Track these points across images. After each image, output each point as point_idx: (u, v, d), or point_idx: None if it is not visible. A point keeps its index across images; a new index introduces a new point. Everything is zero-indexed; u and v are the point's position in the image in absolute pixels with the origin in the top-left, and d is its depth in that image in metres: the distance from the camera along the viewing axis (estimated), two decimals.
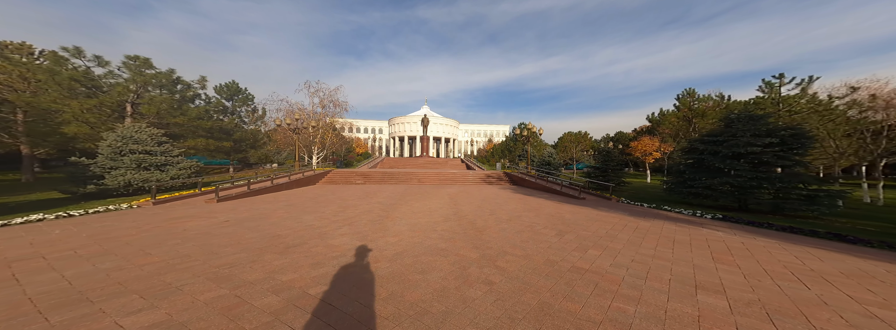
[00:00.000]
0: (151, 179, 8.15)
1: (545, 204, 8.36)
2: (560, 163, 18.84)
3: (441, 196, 10.10)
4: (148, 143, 8.67)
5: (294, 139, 14.60)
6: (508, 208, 7.61)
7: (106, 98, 11.65)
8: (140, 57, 13.32)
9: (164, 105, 13.13)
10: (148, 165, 8.45)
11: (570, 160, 25.34)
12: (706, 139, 8.59)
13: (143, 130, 8.75)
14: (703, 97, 17.55)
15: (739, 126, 8.00)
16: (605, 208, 7.65)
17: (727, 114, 8.41)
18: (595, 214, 6.73)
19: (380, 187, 12.95)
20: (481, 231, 5.11)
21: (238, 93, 20.44)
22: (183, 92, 15.32)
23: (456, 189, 12.67)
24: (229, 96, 20.17)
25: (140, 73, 12.87)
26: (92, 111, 11.35)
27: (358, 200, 8.83)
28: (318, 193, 10.11)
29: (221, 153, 16.66)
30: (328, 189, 11.82)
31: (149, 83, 13.21)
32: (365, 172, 16.79)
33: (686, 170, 8.98)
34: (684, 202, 9.23)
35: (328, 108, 19.18)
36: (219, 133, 16.02)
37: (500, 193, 11.42)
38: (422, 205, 8.04)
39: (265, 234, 4.54)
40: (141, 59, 13.29)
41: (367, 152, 44.81)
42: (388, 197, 9.58)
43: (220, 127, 16.41)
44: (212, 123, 15.25)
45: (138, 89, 12.81)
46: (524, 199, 9.60)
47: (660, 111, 20.62)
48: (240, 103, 20.58)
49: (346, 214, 6.41)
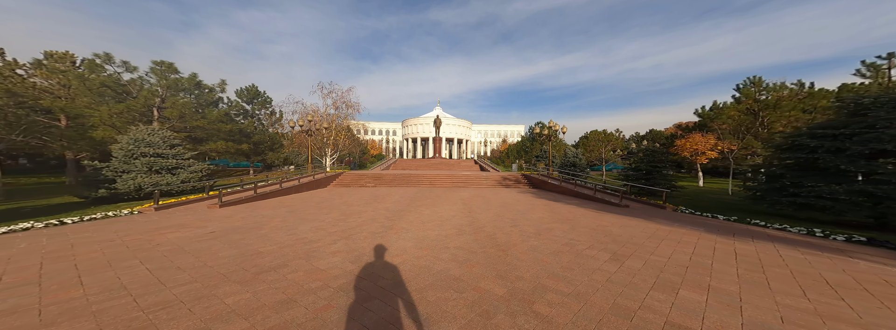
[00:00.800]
0: (162, 182, 8.03)
1: (579, 213, 7.03)
2: (586, 164, 16.92)
3: (454, 201, 9.11)
4: (160, 146, 8.58)
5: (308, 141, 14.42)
6: (534, 218, 6.42)
7: (133, 103, 12.20)
8: (165, 62, 13.95)
9: (186, 108, 13.57)
10: (159, 169, 8.36)
11: (597, 161, 23.00)
12: (819, 132, 6.42)
13: (155, 133, 8.69)
14: (775, 86, 14.71)
15: (881, 114, 5.74)
16: (664, 221, 6.13)
17: (856, 98, 6.11)
18: (654, 229, 5.32)
19: (390, 191, 12.25)
20: (505, 250, 4.04)
21: (257, 96, 21.04)
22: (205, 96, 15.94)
23: (470, 193, 11.61)
24: (249, 99, 20.84)
25: (165, 77, 13.45)
26: (121, 115, 11.92)
27: (364, 205, 8.11)
28: (325, 197, 9.57)
29: (242, 155, 17.15)
30: (337, 192, 11.32)
31: (172, 87, 13.77)
32: (376, 174, 16.28)
33: (785, 172, 6.83)
34: (781, 215, 7.08)
35: (341, 110, 19.08)
36: (238, 136, 16.44)
37: (519, 197, 10.17)
38: (432, 212, 7.10)
39: (244, 251, 3.83)
40: (166, 63, 13.91)
41: (380, 154, 45.15)
42: (397, 202, 8.77)
43: (240, 130, 16.84)
44: (231, 126, 15.62)
45: (164, 93, 13.45)
46: (550, 205, 8.30)
47: (712, 104, 17.74)
48: (259, 106, 21.17)
49: (346, 224, 5.64)
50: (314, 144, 18.43)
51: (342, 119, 19.01)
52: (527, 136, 40.64)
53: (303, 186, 11.31)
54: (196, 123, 14.00)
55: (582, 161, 16.59)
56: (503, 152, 42.71)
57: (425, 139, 56.54)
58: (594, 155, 22.28)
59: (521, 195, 10.92)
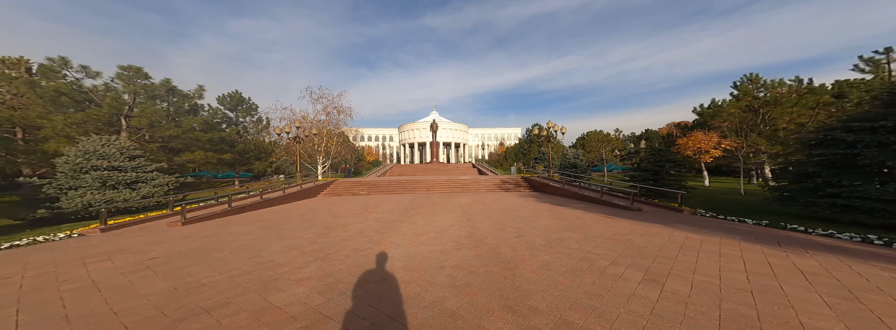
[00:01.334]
0: (118, 199, 7.11)
1: (589, 219, 6.36)
2: (587, 165, 16.36)
3: (451, 208, 8.38)
4: (116, 158, 7.70)
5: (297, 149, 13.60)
6: (540, 226, 5.72)
7: (94, 111, 11.19)
8: (133, 66, 12.92)
9: (157, 116, 12.55)
10: (115, 184, 7.45)
11: (598, 162, 22.51)
12: (855, 125, 5.76)
13: (110, 143, 7.82)
14: (773, 82, 14.52)
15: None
16: (688, 226, 5.45)
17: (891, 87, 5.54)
18: (682, 238, 4.60)
19: (384, 198, 11.47)
20: (511, 268, 3.34)
21: (241, 102, 20.13)
22: (179, 103, 15.00)
23: (469, 198, 10.89)
24: (233, 106, 19.92)
25: (132, 83, 12.49)
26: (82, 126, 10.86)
27: (353, 216, 7.32)
28: (311, 209, 8.75)
29: (226, 166, 16.09)
30: (327, 202, 10.48)
31: (141, 94, 12.76)
32: (370, 182, 15.49)
33: (819, 171, 6.16)
34: (817, 218, 6.33)
35: (332, 115, 18.40)
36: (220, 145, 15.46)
37: (521, 202, 9.49)
38: (428, 222, 6.36)
39: (181, 284, 3.03)
40: (134, 68, 12.93)
41: (377, 160, 44.30)
42: (390, 211, 8.00)
43: (222, 138, 15.84)
44: (211, 135, 14.58)
45: (132, 101, 12.45)
46: (556, 210, 7.63)
47: (711, 102, 17.46)
48: (244, 113, 20.24)
49: (328, 240, 4.86)
50: (305, 152, 17.63)
51: (333, 125, 18.32)
52: (524, 139, 40.32)
53: (289, 196, 10.45)
54: (169, 132, 13.00)
55: (583, 162, 16.06)
56: (501, 155, 42.29)
57: (422, 144, 56.04)
58: (594, 156, 21.84)
59: (523, 199, 10.24)
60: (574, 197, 10.20)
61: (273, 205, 9.36)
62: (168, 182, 8.44)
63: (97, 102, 12.43)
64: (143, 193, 7.62)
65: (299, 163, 13.38)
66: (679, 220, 6.13)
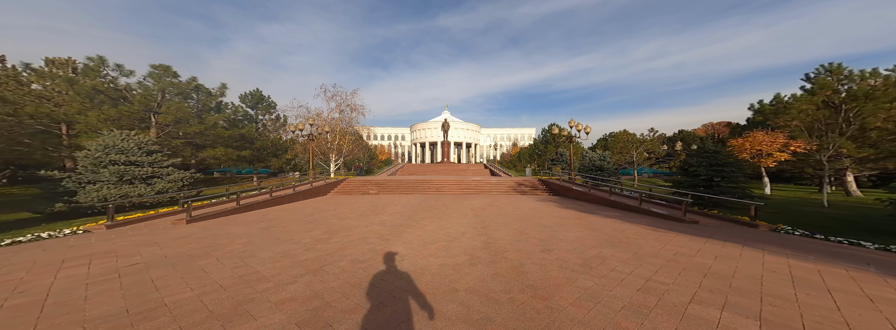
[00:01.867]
0: (133, 193, 7.11)
1: (632, 231, 5.35)
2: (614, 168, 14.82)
3: (463, 212, 7.64)
4: (134, 153, 7.70)
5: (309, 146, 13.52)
6: (570, 238, 4.84)
7: (125, 107, 11.74)
8: (162, 65, 13.43)
9: (182, 113, 12.94)
10: (132, 178, 7.47)
11: (626, 164, 20.56)
12: None
13: (129, 138, 7.84)
14: (862, 73, 11.89)
15: None
16: (781, 249, 4.13)
17: None
18: (780, 266, 3.39)
19: (392, 199, 10.97)
20: (544, 297, 2.59)
21: (261, 101, 20.46)
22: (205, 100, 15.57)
23: (481, 201, 10.09)
24: (253, 104, 20.32)
25: (161, 80, 13.02)
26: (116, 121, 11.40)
27: (359, 218, 6.81)
28: (318, 208, 8.39)
29: (245, 162, 16.54)
30: (335, 201, 10.15)
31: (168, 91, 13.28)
32: (380, 181, 15.13)
33: None
34: None
35: (345, 113, 18.34)
36: (240, 142, 15.86)
37: (541, 207, 8.54)
38: (437, 228, 5.68)
39: (140, 304, 2.52)
40: (163, 67, 13.46)
41: (389, 159, 44.52)
42: (397, 213, 7.42)
43: (242, 135, 16.26)
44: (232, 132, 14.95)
45: (160, 98, 13.00)
46: (585, 219, 6.63)
47: (775, 97, 14.87)
48: (263, 111, 20.52)
49: (327, 247, 4.33)
50: (318, 149, 17.70)
51: (346, 123, 18.26)
52: (539, 139, 38.59)
53: (298, 194, 10.24)
54: (192, 129, 13.42)
55: (610, 164, 14.59)
56: (514, 156, 40.83)
57: (433, 144, 55.75)
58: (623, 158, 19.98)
59: (543, 204, 9.26)
60: (603, 203, 9.05)
61: (281, 203, 9.15)
62: (183, 177, 8.42)
63: (130, 99, 13.05)
64: (158, 189, 7.62)
65: (311, 160, 13.28)
66: (759, 238, 4.88)
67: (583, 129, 14.37)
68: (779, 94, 14.75)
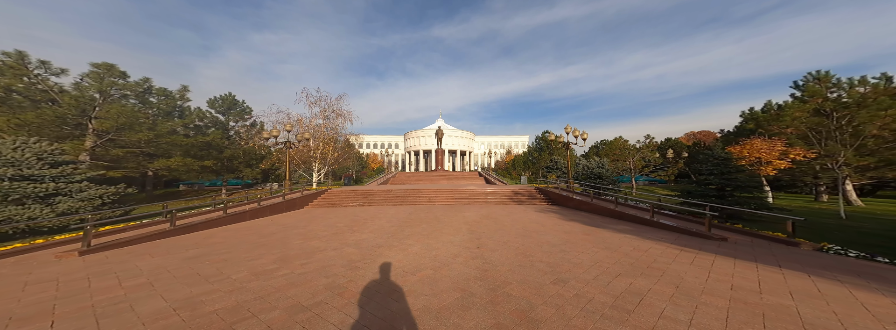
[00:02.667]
0: (21, 217, 5.49)
1: (656, 251, 4.45)
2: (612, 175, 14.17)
3: (456, 226, 6.61)
4: (31, 165, 6.11)
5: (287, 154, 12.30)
6: (585, 261, 3.90)
7: (48, 111, 9.81)
8: (105, 63, 11.66)
9: (125, 118, 11.05)
10: (21, 197, 5.83)
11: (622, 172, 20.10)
12: None
13: (25, 147, 6.22)
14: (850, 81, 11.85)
15: None
16: (862, 280, 3.26)
17: None
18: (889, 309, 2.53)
19: (378, 211, 9.82)
20: None
21: (234, 106, 19.00)
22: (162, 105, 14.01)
23: (476, 212, 9.09)
24: (224, 110, 18.82)
25: (101, 80, 11.34)
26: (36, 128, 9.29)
27: (330, 237, 5.66)
28: (285, 225, 7.15)
29: (211, 173, 14.75)
30: (309, 216, 8.90)
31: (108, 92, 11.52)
32: (367, 191, 13.95)
33: None
34: None
35: (330, 119, 17.31)
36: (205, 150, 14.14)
37: (542, 219, 7.61)
38: (424, 248, 4.63)
39: None
40: (106, 65, 11.78)
41: (380, 167, 43.11)
42: (380, 230, 6.31)
43: (207, 143, 14.63)
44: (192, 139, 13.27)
45: (101, 101, 11.32)
46: (595, 234, 5.73)
47: (766, 105, 14.89)
48: (236, 117, 18.98)
49: (262, 286, 3.19)
50: (299, 158, 16.41)
51: (331, 130, 17.19)
52: (533, 147, 38.43)
53: (264, 209, 8.89)
54: (139, 136, 11.71)
55: (608, 172, 13.98)
56: (508, 164, 40.39)
57: (427, 152, 55.05)
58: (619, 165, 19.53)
59: (543, 216, 8.35)
60: (608, 214, 8.21)
61: (241, 220, 7.79)
62: (101, 194, 6.83)
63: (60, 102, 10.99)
64: (62, 209, 6.02)
65: (288, 170, 12.01)
66: (816, 262, 3.92)
67: (580, 135, 13.88)
68: (770, 101, 14.86)
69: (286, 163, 12.06)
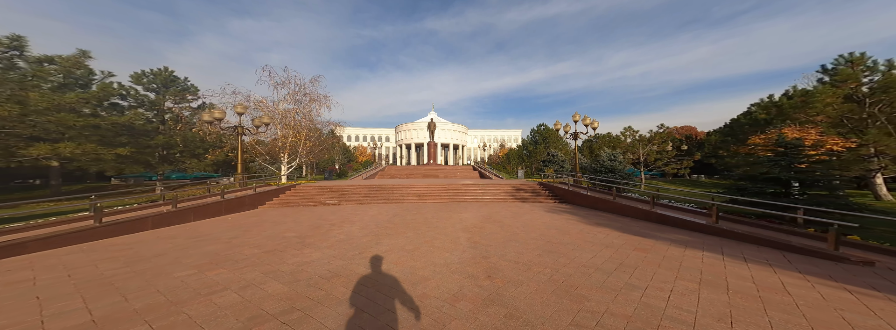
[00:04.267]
0: None
1: (796, 291, 2.75)
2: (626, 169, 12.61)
3: (452, 236, 4.78)
4: None
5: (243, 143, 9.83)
6: (686, 316, 2.07)
7: None
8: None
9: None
10: None
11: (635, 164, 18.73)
12: None
13: None
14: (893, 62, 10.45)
15: None
16: None
17: None
18: None
19: (354, 212, 7.83)
20: None
21: (171, 83, 15.06)
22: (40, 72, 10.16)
23: (475, 213, 7.31)
24: (158, 87, 14.87)
25: None
26: None
27: (260, 259, 3.67)
28: (196, 239, 5.00)
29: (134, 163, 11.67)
30: (255, 220, 6.75)
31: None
32: (347, 187, 11.85)
33: None
34: None
35: (302, 104, 14.72)
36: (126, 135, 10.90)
37: (559, 223, 5.92)
38: (404, 277, 2.70)
39: None
40: None
41: (368, 161, 40.48)
42: (345, 243, 4.36)
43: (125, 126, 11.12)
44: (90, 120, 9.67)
45: None
46: (652, 250, 4.05)
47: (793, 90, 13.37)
48: (176, 97, 15.14)
49: None
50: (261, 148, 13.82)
51: (304, 116, 14.61)
52: (528, 140, 37.13)
53: (184, 213, 6.45)
54: None
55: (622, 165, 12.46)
56: (503, 158, 39.02)
57: (419, 145, 52.87)
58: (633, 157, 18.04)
59: (558, 218, 6.65)
60: (640, 217, 6.61)
61: (133, 230, 5.31)
62: None
63: None
64: None
65: (240, 161, 9.59)
66: None
67: (590, 123, 12.22)
68: (795, 86, 13.68)
69: (238, 152, 9.63)
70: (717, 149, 20.25)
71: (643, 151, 18.02)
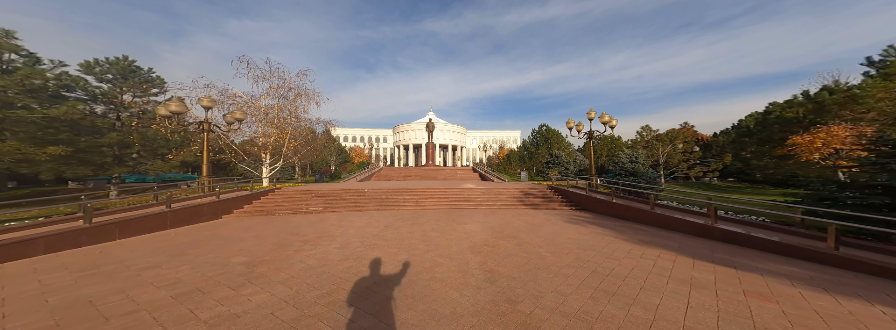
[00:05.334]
0: None
1: None
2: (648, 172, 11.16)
3: (460, 260, 3.42)
4: None
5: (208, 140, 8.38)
6: None
7: None
8: None
9: None
10: None
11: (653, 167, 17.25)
12: None
13: None
14: None
15: None
16: None
17: None
18: None
19: (339, 222, 6.46)
20: None
21: (131, 73, 12.83)
22: None
23: (483, 225, 5.94)
24: (115, 78, 12.69)
25: None
26: None
27: (166, 308, 2.24)
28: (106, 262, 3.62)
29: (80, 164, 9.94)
30: (206, 236, 5.32)
31: None
32: (335, 191, 10.47)
33: None
34: None
35: (287, 100, 13.31)
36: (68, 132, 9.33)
37: (595, 241, 4.61)
38: None
39: None
40: None
41: (364, 162, 38.99)
42: (317, 271, 2.98)
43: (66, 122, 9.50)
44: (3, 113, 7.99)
45: None
46: (763, 290, 2.75)
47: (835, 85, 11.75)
48: (135, 90, 12.94)
49: None
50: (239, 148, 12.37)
51: (289, 112, 13.19)
52: (529, 141, 35.99)
53: (109, 228, 5.00)
54: None
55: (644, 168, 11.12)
56: (503, 159, 37.79)
57: (418, 146, 51.65)
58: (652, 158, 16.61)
59: (587, 232, 5.32)
60: (695, 233, 5.28)
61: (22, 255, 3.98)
62: None
63: None
64: None
65: (206, 162, 8.14)
66: None
67: (608, 121, 10.93)
68: (837, 80, 12.41)
69: (205, 152, 8.17)
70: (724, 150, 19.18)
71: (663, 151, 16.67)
